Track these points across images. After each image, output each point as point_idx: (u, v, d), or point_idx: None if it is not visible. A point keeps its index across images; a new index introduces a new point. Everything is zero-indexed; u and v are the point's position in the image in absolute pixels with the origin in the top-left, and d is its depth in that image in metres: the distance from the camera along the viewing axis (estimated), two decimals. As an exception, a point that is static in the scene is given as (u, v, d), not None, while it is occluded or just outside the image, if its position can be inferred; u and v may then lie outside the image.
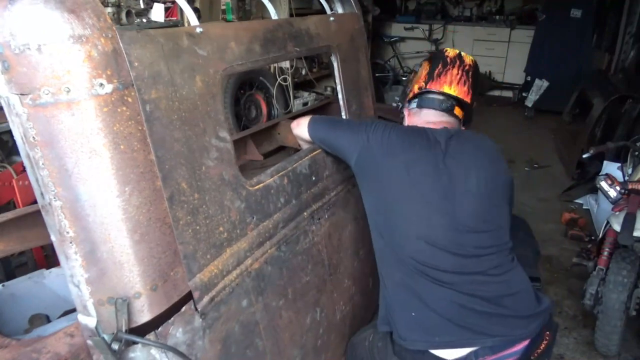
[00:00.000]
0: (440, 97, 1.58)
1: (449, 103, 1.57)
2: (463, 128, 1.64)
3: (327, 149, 1.62)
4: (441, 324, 1.38)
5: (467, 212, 1.41)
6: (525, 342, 1.41)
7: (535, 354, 1.46)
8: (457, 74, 1.58)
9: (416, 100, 1.63)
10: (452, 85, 1.57)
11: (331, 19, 1.72)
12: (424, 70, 1.63)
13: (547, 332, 1.46)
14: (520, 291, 1.44)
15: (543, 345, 1.46)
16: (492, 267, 1.41)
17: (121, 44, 0.88)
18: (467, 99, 1.58)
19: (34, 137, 0.83)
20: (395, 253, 1.45)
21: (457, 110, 1.59)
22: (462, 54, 1.63)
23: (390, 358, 1.51)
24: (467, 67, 1.59)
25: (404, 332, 1.44)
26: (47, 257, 2.24)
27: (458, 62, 1.59)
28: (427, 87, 1.59)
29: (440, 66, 1.60)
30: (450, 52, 1.62)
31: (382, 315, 1.56)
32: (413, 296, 1.42)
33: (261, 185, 1.32)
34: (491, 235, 1.44)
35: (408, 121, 1.67)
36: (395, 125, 1.56)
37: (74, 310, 1.10)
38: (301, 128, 1.65)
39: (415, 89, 1.63)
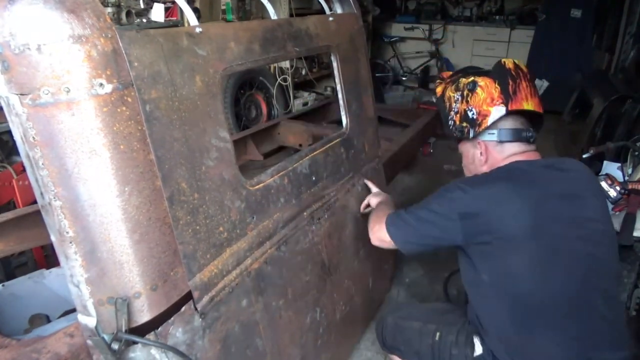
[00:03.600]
0: (521, 127, 1.41)
1: (530, 133, 1.42)
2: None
3: (429, 251, 1.48)
4: None
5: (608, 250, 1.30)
6: None
7: None
8: (527, 85, 1.41)
9: (495, 132, 1.41)
10: (529, 100, 1.40)
11: (330, 19, 1.72)
12: (486, 90, 1.40)
13: None
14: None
15: None
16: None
17: (121, 44, 0.88)
18: (541, 110, 1.43)
19: (33, 137, 0.83)
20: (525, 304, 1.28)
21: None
22: (516, 61, 1.46)
23: None
24: (529, 76, 1.43)
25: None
26: (47, 257, 2.24)
27: (522, 73, 1.42)
28: (510, 108, 1.37)
29: (510, 81, 1.39)
30: (509, 63, 1.43)
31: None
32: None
33: (261, 185, 1.32)
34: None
35: (485, 157, 1.44)
36: (471, 181, 1.36)
37: (74, 310, 1.10)
38: (380, 235, 1.48)
39: (489, 114, 1.39)
